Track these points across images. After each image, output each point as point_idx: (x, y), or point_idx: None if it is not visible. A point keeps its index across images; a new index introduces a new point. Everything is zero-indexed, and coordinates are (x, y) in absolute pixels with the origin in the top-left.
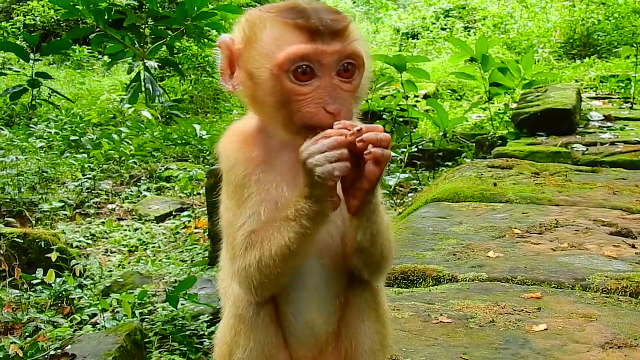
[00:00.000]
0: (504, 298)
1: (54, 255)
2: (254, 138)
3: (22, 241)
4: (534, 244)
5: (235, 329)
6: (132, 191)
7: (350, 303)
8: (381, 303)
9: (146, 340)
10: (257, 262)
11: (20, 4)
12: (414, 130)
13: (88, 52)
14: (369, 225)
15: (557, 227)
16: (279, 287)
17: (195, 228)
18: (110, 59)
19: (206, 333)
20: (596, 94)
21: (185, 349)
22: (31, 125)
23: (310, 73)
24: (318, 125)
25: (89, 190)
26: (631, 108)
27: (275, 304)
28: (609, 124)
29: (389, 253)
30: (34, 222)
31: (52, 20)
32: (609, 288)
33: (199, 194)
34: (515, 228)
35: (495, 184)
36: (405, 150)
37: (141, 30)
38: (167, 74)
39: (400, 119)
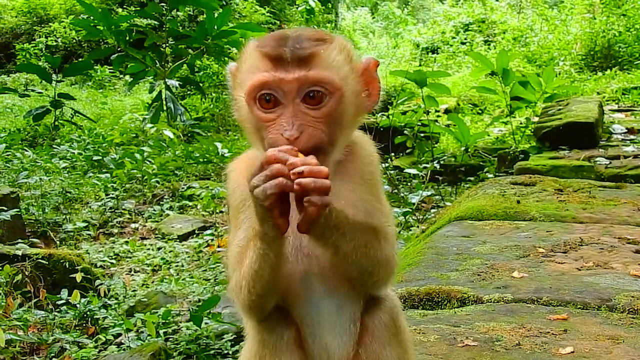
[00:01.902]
0: (530, 320)
1: (78, 277)
2: (254, 164)
3: (47, 262)
4: (559, 263)
5: (259, 354)
6: (154, 210)
7: (369, 328)
8: (402, 327)
9: None
10: (241, 281)
11: (42, 25)
12: (435, 145)
13: (109, 72)
14: (323, 244)
15: (581, 245)
16: (266, 307)
17: (218, 247)
18: (131, 79)
19: (230, 352)
20: (618, 107)
21: None
22: (54, 146)
23: (275, 101)
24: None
25: (112, 209)
26: None
27: (297, 328)
28: (632, 136)
29: (370, 269)
30: (58, 242)
31: (74, 41)
32: (636, 308)
33: (221, 212)
34: (540, 247)
35: (518, 202)
36: (427, 166)
37: (162, 49)
38: (188, 92)
39: (422, 135)
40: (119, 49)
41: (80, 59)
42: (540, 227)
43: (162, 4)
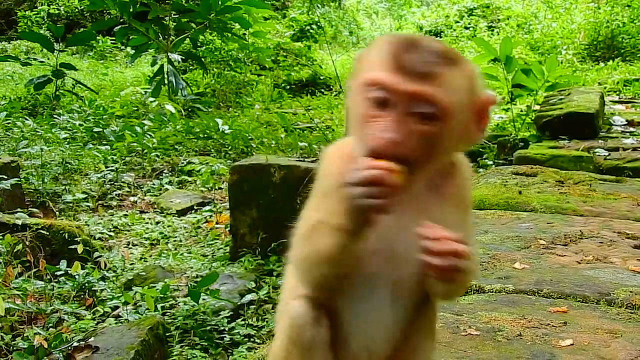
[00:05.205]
0: (531, 311)
1: (80, 248)
2: (350, 155)
3: (47, 232)
4: (559, 255)
5: (288, 350)
6: (154, 184)
7: (415, 322)
8: (434, 318)
9: (168, 334)
10: (308, 257)
11: None
12: None
13: (111, 44)
14: (451, 284)
15: (581, 238)
16: (327, 287)
17: (217, 223)
18: (134, 51)
19: (227, 329)
20: (619, 98)
21: (206, 344)
22: (55, 116)
23: (385, 102)
24: (371, 149)
25: (112, 182)
26: None
27: (330, 328)
28: (631, 129)
29: (462, 286)
30: (57, 212)
31: (76, 10)
32: (634, 303)
33: (220, 188)
34: (541, 238)
35: (520, 192)
36: None
37: (165, 23)
38: (190, 67)
39: None
40: (121, 21)
41: (82, 29)
42: (541, 218)
43: None
